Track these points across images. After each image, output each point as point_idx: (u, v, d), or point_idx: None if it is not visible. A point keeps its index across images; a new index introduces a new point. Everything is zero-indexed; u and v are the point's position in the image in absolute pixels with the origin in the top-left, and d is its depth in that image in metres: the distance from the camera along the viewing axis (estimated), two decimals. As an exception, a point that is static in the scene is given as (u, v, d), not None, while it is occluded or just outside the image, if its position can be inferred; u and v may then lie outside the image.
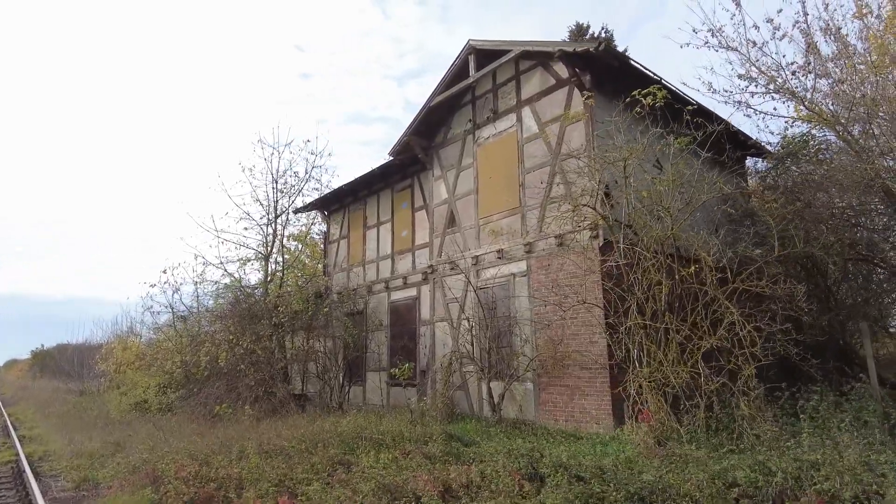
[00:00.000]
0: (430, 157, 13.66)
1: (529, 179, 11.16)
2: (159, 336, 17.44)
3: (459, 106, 13.16)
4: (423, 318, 13.85)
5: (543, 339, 10.34)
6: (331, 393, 14.45)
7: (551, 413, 10.03)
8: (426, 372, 13.49)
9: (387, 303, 15.09)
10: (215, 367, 13.58)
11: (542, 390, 10.24)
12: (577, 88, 10.39)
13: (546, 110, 11.10)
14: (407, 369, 10.95)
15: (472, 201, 12.34)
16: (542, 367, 10.24)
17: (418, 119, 13.10)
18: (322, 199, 17.12)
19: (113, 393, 18.42)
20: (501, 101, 12.10)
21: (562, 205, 9.98)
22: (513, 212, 11.37)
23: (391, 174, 15.53)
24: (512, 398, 10.71)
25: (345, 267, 16.96)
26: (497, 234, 11.49)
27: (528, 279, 10.82)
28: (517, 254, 11.08)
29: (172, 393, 14.75)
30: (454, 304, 12.35)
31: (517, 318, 10.74)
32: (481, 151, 12.35)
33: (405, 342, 14.01)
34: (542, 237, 10.68)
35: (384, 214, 15.89)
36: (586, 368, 9.60)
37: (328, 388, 14.74)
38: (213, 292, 18.12)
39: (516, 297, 10.97)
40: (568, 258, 10.09)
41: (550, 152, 10.83)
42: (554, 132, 10.86)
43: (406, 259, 14.77)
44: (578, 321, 9.77)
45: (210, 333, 14.22)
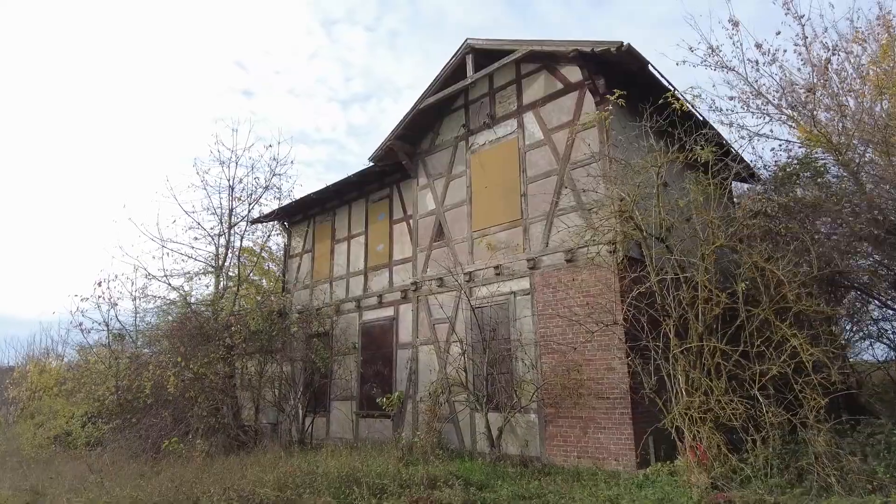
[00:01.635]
0: (414, 164, 12.54)
1: (532, 189, 10.23)
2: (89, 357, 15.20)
3: (450, 111, 12.17)
4: (401, 341, 12.54)
5: (550, 364, 9.30)
6: (291, 425, 12.82)
7: (561, 448, 8.94)
8: (404, 401, 12.13)
9: (358, 324, 13.68)
10: (160, 393, 11.72)
11: (550, 423, 9.15)
12: (591, 93, 9.61)
13: (552, 116, 10.27)
14: (396, 398, 9.63)
15: (465, 212, 11.27)
16: (550, 397, 9.18)
17: (404, 122, 12.00)
18: (283, 210, 15.62)
19: (26, 424, 15.91)
20: (500, 106, 11.20)
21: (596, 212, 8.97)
22: (513, 224, 10.38)
23: (367, 183, 14.29)
24: (512, 432, 9.56)
25: (308, 284, 15.42)
26: (494, 249, 10.46)
27: (531, 298, 9.80)
28: (518, 270, 10.06)
29: (104, 424, 12.68)
30: (442, 324, 11.15)
31: (519, 342, 9.66)
32: (475, 159, 11.36)
33: (379, 367, 12.62)
34: (547, 252, 9.72)
35: (356, 227, 14.57)
36: (603, 398, 8.61)
37: (287, 420, 13.11)
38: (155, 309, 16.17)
39: (517, 318, 9.91)
40: (580, 275, 9.16)
41: (558, 161, 9.96)
42: (561, 139, 10.02)
43: (382, 276, 13.47)
44: (593, 345, 8.80)
45: (155, 354, 12.32)
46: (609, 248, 8.82)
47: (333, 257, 14.96)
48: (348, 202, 14.98)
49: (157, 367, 11.90)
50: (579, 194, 9.50)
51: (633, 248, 8.54)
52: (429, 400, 10.56)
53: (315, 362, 12.67)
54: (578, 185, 9.52)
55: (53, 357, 21.70)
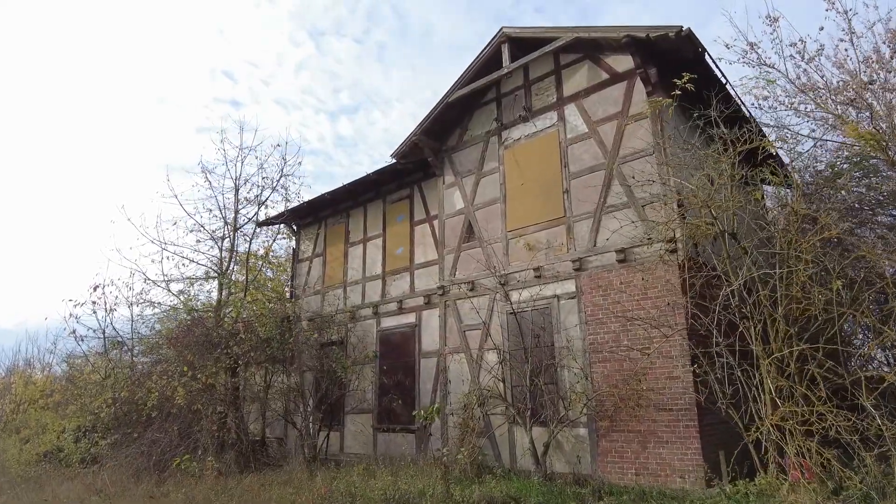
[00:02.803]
0: (440, 161, 11.82)
1: (576, 185, 9.55)
2: (84, 367, 14.14)
3: (479, 105, 11.49)
4: (424, 350, 11.73)
5: (602, 374, 8.56)
6: (303, 440, 11.90)
7: (616, 465, 8.17)
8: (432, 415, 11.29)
9: (375, 331, 12.84)
10: (163, 406, 10.77)
11: (602, 437, 8.39)
12: (643, 82, 8.99)
13: (597, 108, 9.62)
14: (433, 411, 8.81)
15: (498, 211, 10.55)
16: (602, 409, 8.43)
17: (432, 117, 11.29)
18: (292, 211, 14.77)
19: (11, 439, 14.77)
20: (537, 99, 10.54)
21: (661, 206, 8.27)
22: (554, 223, 9.68)
23: (384, 183, 13.53)
24: (559, 448, 8.79)
25: (319, 289, 14.57)
26: (534, 249, 9.74)
27: (578, 302, 9.08)
28: (562, 272, 9.35)
29: (100, 439, 11.67)
30: (474, 331, 10.38)
31: (567, 349, 8.92)
32: (509, 154, 10.67)
33: (400, 378, 11.78)
34: (596, 252, 9.03)
35: (373, 229, 13.78)
36: (664, 409, 7.88)
37: (299, 434, 12.18)
38: (154, 315, 15.19)
39: (562, 324, 9.17)
40: (635, 276, 8.48)
41: (605, 154, 9.30)
42: (608, 132, 9.37)
43: (402, 280, 12.68)
44: (653, 353, 8.08)
45: (158, 363, 11.36)
46: (669, 247, 8.15)
47: (347, 261, 14.14)
48: (363, 203, 14.20)
49: (162, 377, 10.96)
50: (631, 190, 8.84)
51: (692, 248, 7.88)
52: (462, 413, 9.76)
53: (335, 371, 11.77)
54: (630, 179, 8.86)
55: (39, 367, 20.52)
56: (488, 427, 9.69)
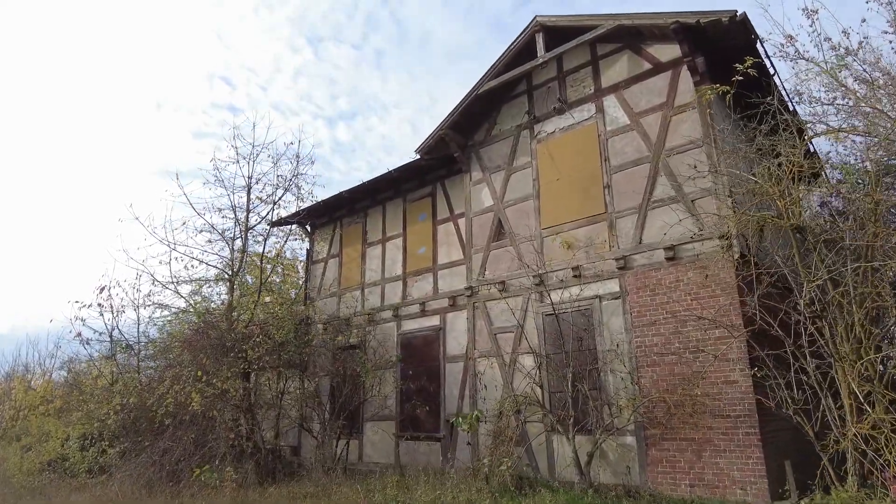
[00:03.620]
0: (466, 157, 11.34)
1: (618, 180, 9.08)
2: (90, 371, 13.57)
3: (508, 98, 11.02)
4: (450, 354, 11.20)
5: (651, 378, 8.06)
6: (322, 449, 11.31)
7: (668, 476, 7.65)
8: (456, 424, 10.76)
9: (396, 334, 12.31)
10: (177, 412, 10.19)
11: (652, 446, 7.87)
12: (690, 72, 8.54)
13: (639, 99, 9.17)
14: (473, 419, 8.28)
15: (531, 208, 10.07)
16: (652, 416, 7.91)
17: (460, 110, 10.81)
18: (306, 211, 14.24)
19: (12, 447, 14.13)
20: (572, 91, 10.08)
21: (726, 197, 7.75)
22: (594, 219, 9.19)
23: (404, 181, 13.03)
24: (603, 457, 8.26)
25: (335, 291, 14.04)
26: (572, 248, 9.25)
27: (622, 302, 8.58)
28: (605, 270, 8.85)
29: (109, 447, 11.07)
30: (505, 334, 9.86)
31: (614, 352, 8.41)
32: (543, 148, 10.19)
33: (423, 384, 11.23)
34: (641, 249, 8.54)
35: (392, 228, 13.27)
36: (721, 416, 7.37)
37: (317, 443, 11.61)
38: (161, 318, 14.63)
39: (605, 326, 8.67)
40: (686, 274, 8.00)
41: (649, 147, 8.84)
42: (652, 124, 8.91)
43: (424, 281, 12.16)
44: (707, 355, 7.59)
45: (169, 367, 10.77)
46: (723, 244, 7.68)
47: (365, 262, 13.62)
48: (382, 202, 13.70)
49: (175, 382, 10.38)
50: (679, 183, 8.36)
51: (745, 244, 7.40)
52: (497, 420, 9.23)
53: (356, 376, 11.23)
54: (678, 173, 8.40)
55: (40, 373, 19.87)
56: (524, 435, 9.16)
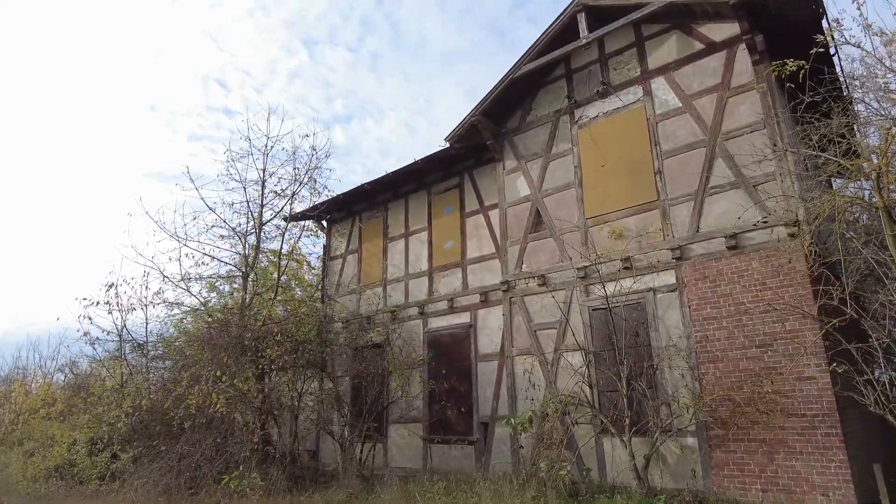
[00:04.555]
0: (499, 145, 10.80)
1: (671, 165, 8.56)
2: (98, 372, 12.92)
3: (544, 83, 10.50)
4: (482, 352, 10.64)
5: (714, 375, 7.52)
6: (346, 453, 10.70)
7: (735, 480, 7.10)
8: (489, 424, 10.21)
9: (422, 332, 11.73)
10: (197, 415, 9.57)
11: (717, 447, 7.33)
12: (749, 51, 8.04)
13: (692, 81, 8.66)
14: (526, 420, 7.72)
15: (573, 196, 9.54)
16: (715, 416, 7.38)
17: (494, 94, 10.28)
18: (323, 206, 13.65)
19: (14, 452, 13.45)
20: (616, 74, 9.58)
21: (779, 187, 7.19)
22: (645, 207, 8.67)
23: (428, 172, 12.48)
24: (660, 460, 7.71)
25: (354, 288, 13.45)
26: (621, 238, 8.72)
27: (679, 295, 8.05)
28: (658, 261, 8.33)
29: (121, 452, 10.43)
30: (547, 330, 9.32)
31: (673, 347, 7.87)
32: (585, 134, 9.67)
33: (454, 384, 10.65)
34: (699, 238, 8.02)
35: (416, 222, 12.70)
36: (796, 415, 6.84)
37: (341, 447, 11.01)
38: (172, 317, 14.00)
39: (660, 320, 8.14)
40: (751, 264, 7.48)
41: (704, 130, 8.33)
42: (706, 106, 8.41)
43: (452, 277, 11.60)
44: (776, 349, 7.07)
45: (186, 367, 10.14)
46: (791, 231, 7.18)
47: (387, 257, 13.05)
48: (404, 195, 13.14)
49: (193, 383, 9.77)
50: (739, 168, 7.86)
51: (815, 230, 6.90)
52: (541, 422, 8.67)
53: (385, 376, 10.64)
54: (737, 157, 7.89)
55: (41, 375, 19.16)
56: (572, 438, 8.59)
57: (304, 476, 9.87)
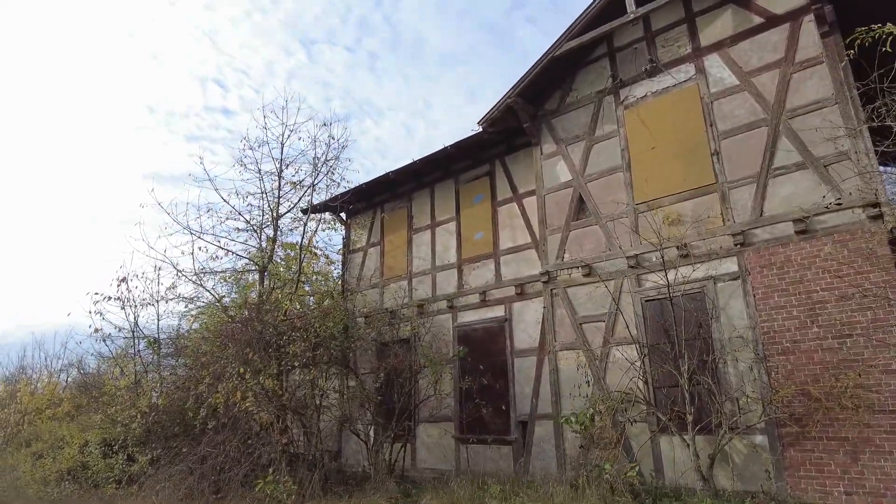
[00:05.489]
0: (536, 128, 10.27)
1: (729, 146, 8.04)
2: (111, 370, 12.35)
3: (585, 63, 9.97)
4: (518, 348, 10.11)
5: (785, 369, 7.00)
6: (374, 454, 10.14)
7: (815, 481, 6.58)
8: (528, 423, 9.67)
9: (451, 327, 11.19)
10: (219, 414, 9.01)
11: (790, 446, 6.81)
12: (818, 22, 7.53)
13: (749, 56, 8.14)
14: (587, 417, 7.19)
15: (620, 181, 9.01)
16: (788, 412, 6.85)
17: (531, 76, 9.74)
18: (350, 193, 12.98)
19: (22, 454, 12.86)
20: (664, 51, 9.05)
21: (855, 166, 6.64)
22: (702, 191, 8.15)
23: (455, 160, 11.94)
24: (725, 460, 7.18)
25: (376, 282, 12.91)
26: (675, 223, 8.19)
27: (742, 283, 7.52)
28: (718, 248, 7.80)
29: (139, 454, 9.86)
30: (594, 323, 8.79)
31: (734, 340, 7.35)
32: (632, 115, 9.14)
33: (488, 381, 10.12)
34: (763, 223, 7.49)
35: (443, 212, 12.16)
36: (882, 411, 6.32)
37: (368, 447, 10.45)
38: (186, 312, 13.45)
39: (722, 310, 7.61)
40: (823, 249, 6.96)
41: (766, 109, 7.80)
42: (766, 83, 7.88)
43: (483, 268, 11.06)
44: (855, 340, 6.55)
45: (207, 365, 9.56)
46: (870, 213, 6.66)
47: (412, 249, 12.50)
48: (429, 185, 12.60)
49: (216, 380, 9.21)
50: (807, 147, 7.34)
51: None
52: (589, 421, 8.12)
53: (413, 372, 10.10)
54: (804, 135, 7.37)
55: (46, 374, 18.56)
56: (623, 436, 8.06)
57: (331, 479, 9.31)
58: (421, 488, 8.90)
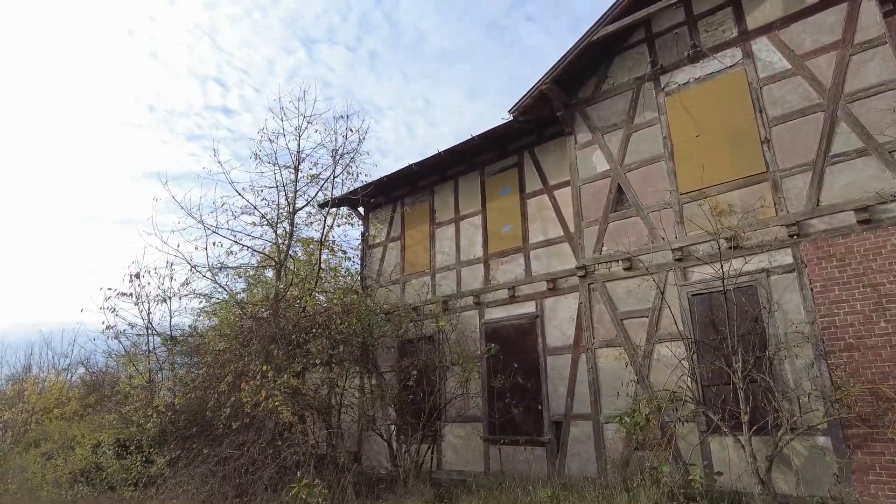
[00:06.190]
0: (569, 117, 9.89)
1: (780, 133, 7.65)
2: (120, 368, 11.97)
3: (621, 49, 9.58)
4: (551, 345, 9.72)
5: (847, 365, 6.61)
6: (400, 456, 9.75)
7: (887, 486, 6.18)
8: (562, 423, 9.29)
9: (478, 324, 10.81)
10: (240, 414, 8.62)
11: (858, 448, 6.42)
12: (879, 0, 7.15)
13: (802, 39, 7.76)
14: (640, 416, 6.81)
15: (662, 170, 8.63)
16: (854, 411, 6.47)
17: (566, 61, 9.36)
18: (372, 186, 12.51)
19: (31, 454, 12.46)
20: (707, 36, 8.66)
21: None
22: (752, 180, 7.76)
23: (480, 152, 11.56)
24: (784, 462, 6.80)
25: (396, 278, 12.52)
26: (723, 214, 7.81)
27: (798, 276, 7.14)
28: (771, 239, 7.42)
29: (158, 456, 9.47)
30: (635, 319, 8.40)
31: (792, 335, 6.97)
32: (674, 102, 8.76)
33: (519, 380, 9.73)
34: (821, 212, 7.11)
35: (468, 205, 11.78)
36: (959, 412, 5.94)
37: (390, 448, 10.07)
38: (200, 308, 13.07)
39: (777, 305, 7.23)
40: (889, 240, 6.58)
41: (822, 93, 7.42)
42: (822, 66, 7.50)
43: (512, 263, 10.67)
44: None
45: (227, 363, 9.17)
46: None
47: (434, 244, 12.12)
48: (452, 178, 12.22)
49: (237, 379, 8.83)
50: (869, 133, 6.96)
51: None
52: (629, 420, 7.73)
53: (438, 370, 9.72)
54: (866, 121, 7.00)
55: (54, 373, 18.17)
56: (670, 437, 7.66)
57: (357, 481, 8.92)
58: (450, 492, 8.50)
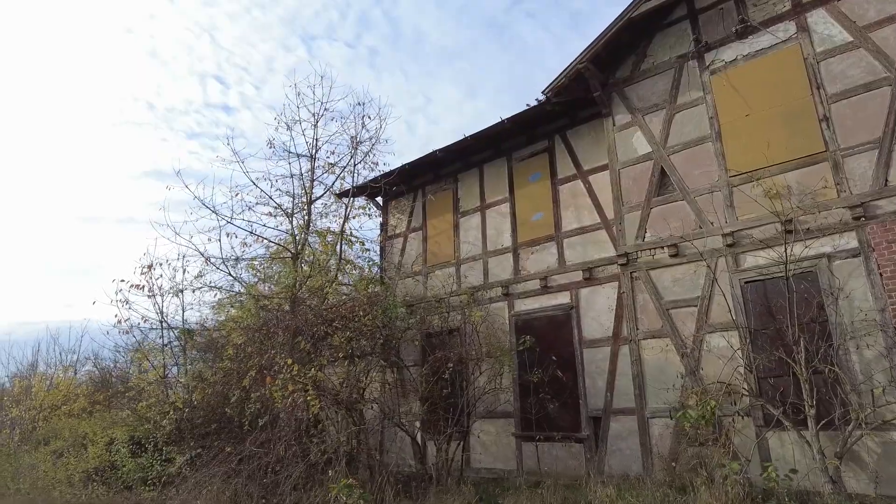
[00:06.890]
0: (607, 97, 9.43)
1: (840, 110, 7.21)
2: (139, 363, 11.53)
3: (661, 26, 9.12)
4: (587, 337, 9.30)
5: (924, 356, 6.19)
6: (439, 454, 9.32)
7: (969, 485, 5.78)
8: (601, 419, 8.87)
9: (508, 316, 10.38)
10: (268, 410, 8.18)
11: (936, 445, 6.00)
12: (951, -36, 6.71)
13: (865, 9, 7.30)
14: (707, 410, 6.40)
15: (710, 152, 8.18)
16: (932, 405, 6.05)
17: (605, 37, 8.90)
18: (395, 173, 12.00)
19: (41, 452, 12.02)
20: (756, 10, 8.20)
21: None
22: (810, 160, 7.32)
23: (507, 137, 11.12)
24: (853, 459, 6.38)
25: (418, 270, 12.08)
26: (778, 196, 7.35)
27: (864, 261, 6.70)
28: (834, 222, 6.98)
29: (178, 454, 9.05)
30: (683, 309, 7.97)
31: (853, 324, 6.54)
32: (720, 80, 8.31)
33: (553, 373, 9.29)
34: (888, 192, 6.68)
35: (494, 193, 11.34)
36: None
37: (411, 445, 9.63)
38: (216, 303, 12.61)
39: (841, 291, 6.79)
40: (971, 221, 6.14)
41: (887, 66, 6.97)
42: (888, 37, 7.05)
43: (544, 252, 10.24)
44: None
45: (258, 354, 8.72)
46: None
47: (459, 234, 11.68)
48: (477, 164, 11.77)
49: (260, 373, 8.40)
50: (942, 108, 6.52)
51: None
52: (679, 415, 7.29)
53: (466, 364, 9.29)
54: (938, 94, 6.56)
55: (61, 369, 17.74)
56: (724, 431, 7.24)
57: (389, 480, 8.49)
58: (487, 490, 8.08)
